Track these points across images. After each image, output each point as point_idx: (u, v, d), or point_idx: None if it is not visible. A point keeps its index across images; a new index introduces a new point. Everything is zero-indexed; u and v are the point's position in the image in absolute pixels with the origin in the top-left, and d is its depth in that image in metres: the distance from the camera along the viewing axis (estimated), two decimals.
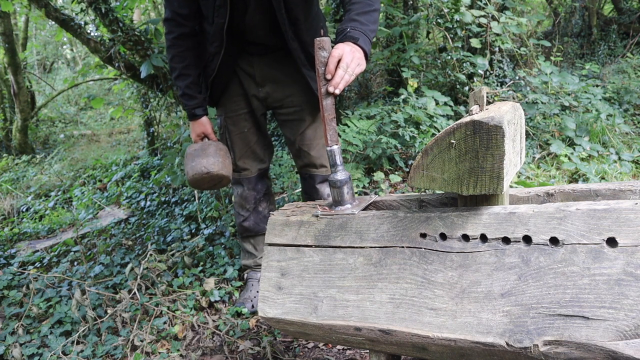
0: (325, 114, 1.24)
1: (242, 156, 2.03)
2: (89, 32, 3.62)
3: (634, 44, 5.91)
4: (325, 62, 1.23)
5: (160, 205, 3.60)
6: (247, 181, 2.06)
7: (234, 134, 2.00)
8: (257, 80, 1.93)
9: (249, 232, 2.13)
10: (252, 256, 2.18)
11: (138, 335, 1.87)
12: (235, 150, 2.02)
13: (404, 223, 1.08)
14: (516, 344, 0.87)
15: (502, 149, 0.92)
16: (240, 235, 2.17)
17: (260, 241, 2.16)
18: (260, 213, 2.11)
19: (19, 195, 4.68)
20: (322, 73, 1.23)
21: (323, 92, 1.23)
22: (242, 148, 2.02)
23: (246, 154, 2.03)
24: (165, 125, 4.55)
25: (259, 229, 2.11)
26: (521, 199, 1.20)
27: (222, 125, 2.02)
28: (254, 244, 2.17)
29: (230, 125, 1.99)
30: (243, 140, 2.01)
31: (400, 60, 3.86)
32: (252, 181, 2.07)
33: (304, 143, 1.97)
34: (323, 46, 1.21)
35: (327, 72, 1.24)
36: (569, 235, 0.90)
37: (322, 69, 1.22)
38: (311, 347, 1.82)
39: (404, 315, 1.01)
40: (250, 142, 2.02)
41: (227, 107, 1.98)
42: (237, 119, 1.98)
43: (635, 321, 0.80)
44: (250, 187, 2.07)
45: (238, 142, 2.01)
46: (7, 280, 2.52)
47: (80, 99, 9.88)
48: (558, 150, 3.21)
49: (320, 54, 1.22)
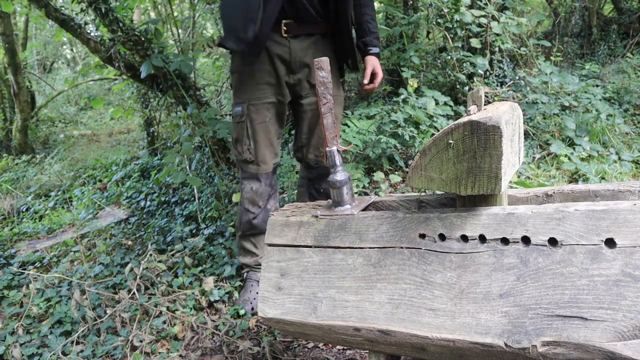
0: (327, 132, 1.25)
1: (262, 148, 1.96)
2: (89, 32, 3.62)
3: (634, 44, 5.91)
4: (324, 82, 1.24)
5: (160, 205, 3.60)
6: (265, 176, 2.00)
7: (256, 123, 1.93)
8: (292, 66, 1.92)
9: (255, 230, 2.06)
10: (253, 255, 2.13)
11: (137, 335, 1.87)
12: (258, 140, 1.94)
13: (403, 224, 1.08)
14: (514, 344, 0.87)
15: (499, 149, 0.92)
16: (243, 232, 2.10)
17: (261, 239, 2.09)
18: (269, 211, 2.05)
19: (19, 195, 4.68)
20: (321, 93, 1.24)
21: (324, 111, 1.25)
22: (264, 139, 1.95)
23: (267, 146, 1.97)
24: (165, 125, 4.55)
25: (264, 227, 2.02)
26: (520, 200, 1.20)
27: (243, 114, 1.94)
28: (254, 242, 2.11)
29: (252, 114, 1.93)
30: (265, 131, 1.95)
31: (400, 60, 3.86)
32: (269, 177, 2.01)
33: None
34: (322, 66, 1.23)
35: (374, 84, 2.03)
36: (567, 236, 0.90)
37: (322, 88, 1.24)
38: (311, 347, 1.82)
39: (403, 315, 1.01)
40: (270, 133, 1.97)
41: (251, 95, 1.93)
42: (261, 107, 1.93)
43: (633, 322, 0.80)
44: (267, 183, 2.01)
45: (260, 133, 1.94)
46: (7, 280, 2.53)
47: (80, 99, 9.88)
48: (558, 150, 3.21)
49: (319, 74, 1.23)
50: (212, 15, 5.51)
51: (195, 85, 3.59)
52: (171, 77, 3.31)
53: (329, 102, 1.24)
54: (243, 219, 2.08)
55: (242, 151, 1.98)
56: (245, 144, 1.96)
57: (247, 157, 1.97)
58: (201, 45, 4.64)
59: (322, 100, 1.24)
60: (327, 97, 1.23)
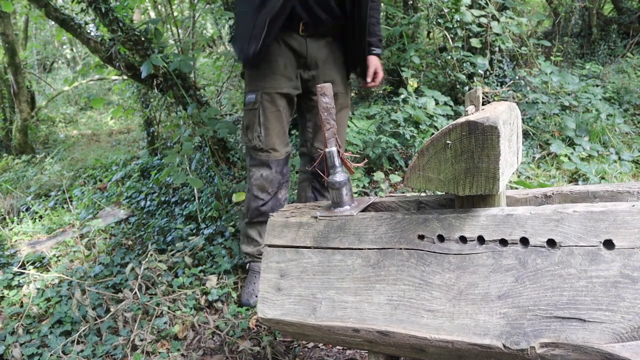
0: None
1: (274, 136, 1.99)
2: (89, 32, 3.61)
3: (634, 44, 5.90)
4: (327, 108, 1.25)
5: (160, 205, 3.60)
6: (276, 163, 2.02)
7: (269, 111, 1.96)
8: (308, 62, 1.98)
9: (263, 218, 2.06)
10: (257, 243, 2.13)
11: (138, 335, 1.87)
12: (270, 128, 1.97)
13: (402, 225, 1.08)
14: (513, 345, 0.88)
15: (497, 150, 0.92)
16: (250, 219, 2.10)
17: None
18: (279, 200, 2.07)
19: (19, 195, 4.68)
20: (325, 118, 1.25)
21: (328, 136, 1.26)
22: (276, 127, 1.98)
23: (279, 134, 2.00)
24: (165, 125, 4.55)
25: None
26: (519, 201, 1.20)
27: (256, 101, 1.97)
28: (260, 231, 2.12)
29: (266, 102, 1.96)
30: (277, 119, 1.98)
31: (400, 60, 3.86)
32: (281, 164, 2.04)
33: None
34: (325, 92, 1.25)
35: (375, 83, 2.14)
36: (566, 237, 0.90)
37: (325, 114, 1.25)
38: (311, 347, 1.82)
39: (402, 316, 1.01)
40: (284, 122, 2.01)
41: (266, 84, 1.96)
42: (275, 96, 1.96)
43: (631, 323, 0.80)
44: (278, 171, 2.03)
45: (273, 121, 1.98)
46: (7, 280, 2.53)
47: (80, 99, 9.87)
48: (558, 150, 3.21)
49: (322, 100, 1.25)
50: (212, 15, 5.50)
51: (195, 85, 3.59)
52: (171, 77, 3.31)
53: (332, 127, 1.26)
54: (251, 205, 2.08)
55: (252, 138, 2.00)
56: (255, 131, 1.99)
57: (256, 144, 2.00)
58: (201, 45, 4.64)
59: (326, 126, 1.26)
60: (331, 122, 1.25)
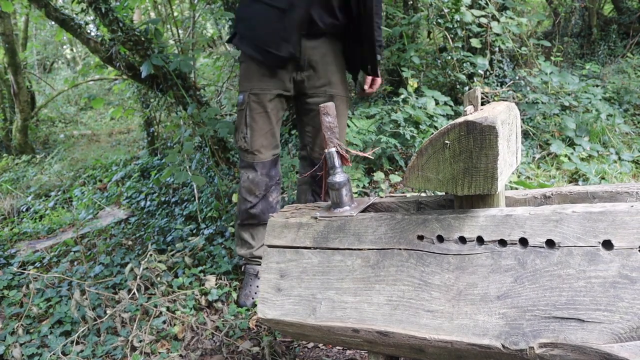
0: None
1: (259, 137, 1.97)
2: (89, 32, 3.61)
3: (634, 44, 5.90)
4: (331, 127, 1.26)
5: (160, 205, 3.60)
6: (261, 165, 2.00)
7: (255, 112, 1.95)
8: (301, 63, 1.94)
9: (254, 220, 2.05)
10: (249, 246, 2.12)
11: (137, 335, 1.87)
12: (255, 129, 1.96)
13: (401, 225, 1.09)
14: (512, 346, 0.88)
15: (495, 149, 0.92)
16: (241, 222, 2.09)
17: (259, 231, 2.08)
18: (270, 203, 2.05)
19: (19, 195, 4.68)
20: (328, 137, 1.26)
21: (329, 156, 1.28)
22: (262, 128, 1.96)
23: (265, 136, 1.98)
24: (166, 125, 4.55)
25: (264, 217, 2.03)
26: (518, 201, 1.20)
27: (244, 102, 1.96)
28: (252, 234, 2.10)
29: (253, 103, 1.95)
30: (264, 120, 1.96)
31: (401, 60, 3.86)
32: (267, 166, 2.01)
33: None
34: (328, 112, 1.25)
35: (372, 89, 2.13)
36: (565, 238, 0.90)
37: (328, 133, 1.26)
38: (311, 347, 1.82)
39: (401, 317, 1.01)
40: (272, 124, 1.98)
41: (255, 85, 1.94)
42: (263, 97, 1.95)
43: (630, 324, 0.80)
44: (264, 173, 2.01)
45: (259, 122, 1.96)
46: (7, 280, 2.53)
47: (80, 99, 9.87)
48: (558, 150, 3.21)
49: (325, 119, 1.26)
50: (212, 15, 5.51)
51: (195, 85, 3.59)
52: (171, 77, 3.31)
53: (336, 146, 1.28)
54: (241, 207, 2.08)
55: (239, 139, 2.00)
56: (242, 132, 1.98)
57: (241, 145, 1.99)
58: (201, 45, 4.64)
59: (329, 145, 1.27)
60: (334, 141, 1.26)
